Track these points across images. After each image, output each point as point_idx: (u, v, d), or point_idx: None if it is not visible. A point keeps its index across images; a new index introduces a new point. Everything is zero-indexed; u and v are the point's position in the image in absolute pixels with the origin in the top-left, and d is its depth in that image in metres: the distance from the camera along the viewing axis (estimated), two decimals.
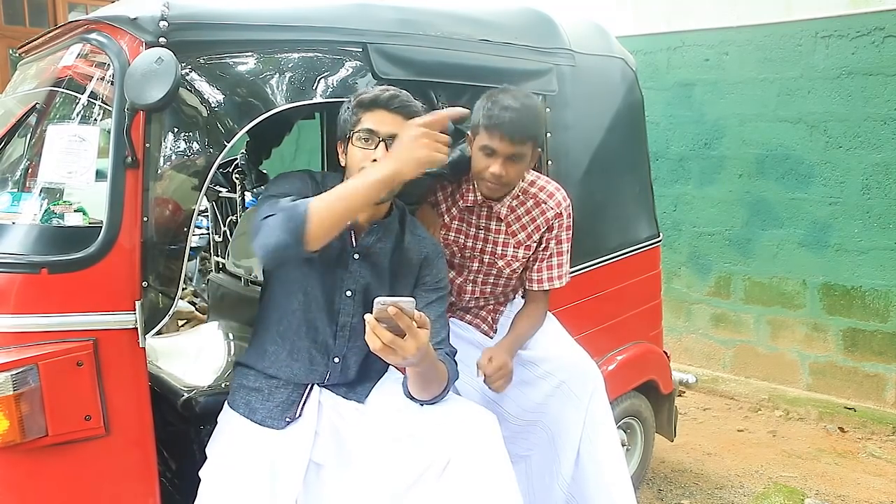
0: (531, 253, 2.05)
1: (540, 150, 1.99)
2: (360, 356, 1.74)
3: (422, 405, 1.64)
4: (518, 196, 2.01)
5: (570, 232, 2.07)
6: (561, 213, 2.02)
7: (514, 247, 2.03)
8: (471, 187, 2.00)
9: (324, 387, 1.73)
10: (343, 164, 1.68)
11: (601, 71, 2.57)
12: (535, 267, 2.07)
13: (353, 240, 1.68)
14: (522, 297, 2.25)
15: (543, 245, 2.05)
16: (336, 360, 1.71)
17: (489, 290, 2.11)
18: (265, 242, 1.47)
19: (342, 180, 1.65)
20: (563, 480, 2.04)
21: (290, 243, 1.45)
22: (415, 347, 1.38)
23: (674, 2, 4.48)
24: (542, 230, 2.02)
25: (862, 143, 3.86)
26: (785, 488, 3.11)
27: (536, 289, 2.09)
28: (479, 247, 2.05)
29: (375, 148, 1.58)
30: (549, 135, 2.29)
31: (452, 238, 2.05)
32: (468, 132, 1.94)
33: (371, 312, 1.32)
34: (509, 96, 1.83)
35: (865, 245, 3.89)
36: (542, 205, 2.01)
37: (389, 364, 1.83)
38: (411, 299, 1.37)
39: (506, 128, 1.79)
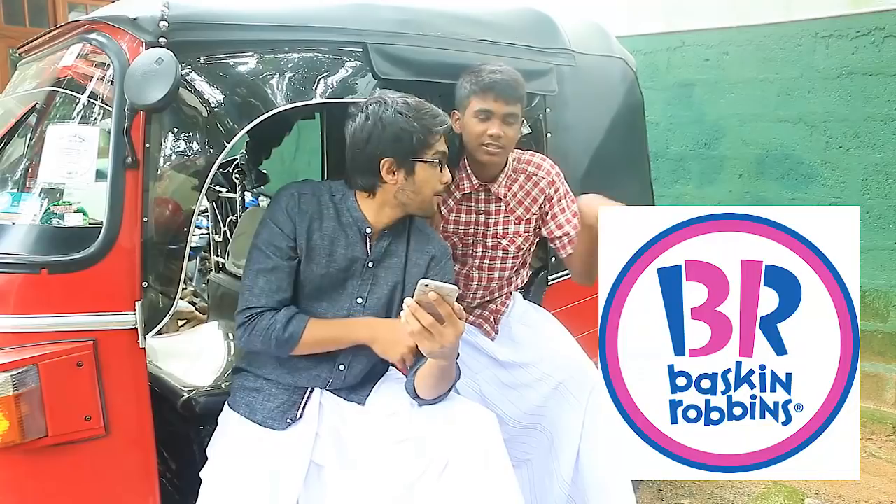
0: (531, 226, 2.07)
1: (524, 119, 1.99)
2: (366, 365, 1.73)
3: (420, 405, 1.63)
4: (510, 175, 2.03)
5: (567, 188, 2.09)
6: (553, 181, 2.06)
7: (514, 223, 2.05)
8: (464, 175, 2.01)
9: (325, 389, 1.73)
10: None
11: (601, 71, 2.57)
12: (556, 223, 2.05)
13: (368, 248, 1.68)
14: (524, 294, 2.25)
15: (548, 212, 2.06)
16: (341, 367, 1.70)
17: (496, 274, 2.11)
18: (249, 346, 1.62)
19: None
20: (562, 481, 2.04)
21: (276, 353, 1.64)
22: (454, 336, 1.35)
23: (674, 2, 4.47)
24: (540, 201, 2.05)
25: (862, 143, 3.85)
26: (785, 488, 3.11)
27: (571, 250, 2.00)
28: (481, 231, 2.06)
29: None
30: (549, 135, 2.29)
31: (452, 229, 2.06)
32: (453, 112, 1.93)
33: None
34: (492, 64, 1.91)
35: (865, 245, 3.88)
36: (534, 177, 2.04)
37: (390, 365, 1.83)
38: (454, 287, 1.33)
39: (499, 87, 1.86)
